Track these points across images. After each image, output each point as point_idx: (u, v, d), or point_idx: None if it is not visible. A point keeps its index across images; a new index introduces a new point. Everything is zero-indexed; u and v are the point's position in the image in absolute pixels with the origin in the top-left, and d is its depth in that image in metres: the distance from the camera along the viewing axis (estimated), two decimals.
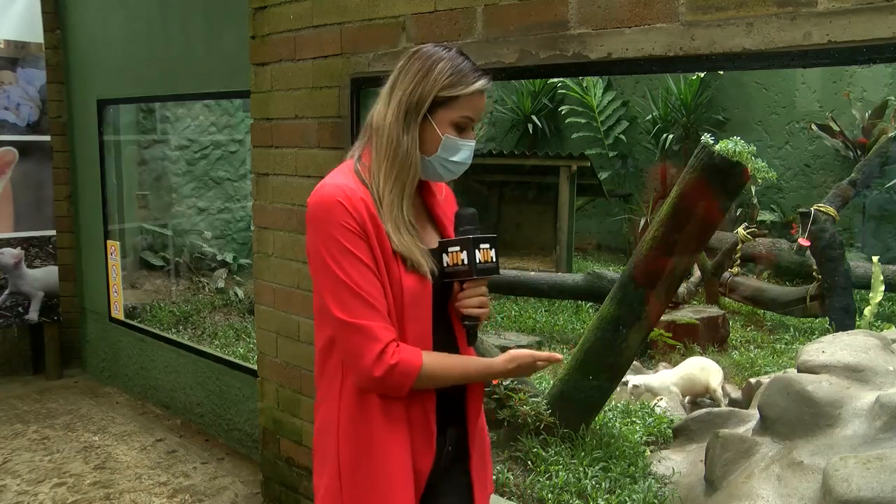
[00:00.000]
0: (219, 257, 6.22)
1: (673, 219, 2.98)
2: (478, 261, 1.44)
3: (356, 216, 1.40)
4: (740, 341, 5.21)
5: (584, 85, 8.44)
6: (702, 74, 7.49)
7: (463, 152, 1.50)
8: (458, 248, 1.45)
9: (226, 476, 3.47)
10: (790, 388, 2.56)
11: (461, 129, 1.49)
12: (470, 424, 1.58)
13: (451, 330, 1.53)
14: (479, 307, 1.48)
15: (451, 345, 1.52)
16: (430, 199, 1.59)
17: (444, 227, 1.56)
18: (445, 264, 1.47)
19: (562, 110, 8.74)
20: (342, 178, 1.44)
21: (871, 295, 4.86)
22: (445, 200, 1.62)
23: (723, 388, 3.94)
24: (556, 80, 8.53)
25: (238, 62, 3.16)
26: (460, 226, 1.48)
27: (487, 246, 1.46)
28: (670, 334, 4.87)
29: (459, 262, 1.45)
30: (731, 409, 3.37)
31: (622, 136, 8.40)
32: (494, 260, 1.47)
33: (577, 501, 2.78)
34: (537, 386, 3.66)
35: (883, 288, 4.86)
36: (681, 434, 3.34)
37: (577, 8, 1.93)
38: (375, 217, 1.41)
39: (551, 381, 3.70)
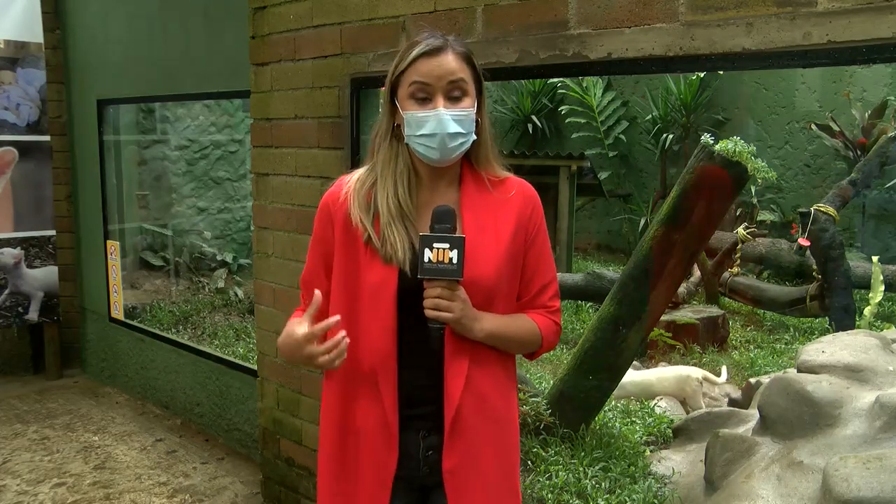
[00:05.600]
0: (219, 257, 6.21)
1: (673, 219, 2.99)
2: (426, 260, 1.35)
3: (330, 205, 1.49)
4: (740, 341, 5.21)
5: (584, 85, 8.43)
6: (702, 74, 7.49)
7: (428, 124, 1.37)
8: (418, 246, 1.38)
9: (226, 476, 3.47)
10: (790, 388, 2.56)
11: (421, 100, 1.39)
12: (447, 431, 1.43)
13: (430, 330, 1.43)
14: (434, 308, 1.37)
15: (425, 345, 1.42)
16: (469, 193, 1.48)
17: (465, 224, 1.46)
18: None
19: (562, 110, 8.73)
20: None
21: (871, 295, 4.86)
22: (510, 200, 1.48)
23: (708, 392, 3.91)
24: (555, 80, 8.53)
25: (238, 62, 3.16)
26: (432, 223, 1.38)
27: (446, 246, 1.34)
28: (670, 334, 4.87)
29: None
30: (731, 409, 3.36)
31: (622, 136, 8.39)
32: (454, 262, 1.34)
33: (577, 501, 2.78)
34: (537, 386, 3.66)
35: (883, 288, 4.85)
36: (681, 434, 3.34)
37: (576, 8, 1.93)
38: (345, 207, 1.45)
39: (551, 381, 3.70)
